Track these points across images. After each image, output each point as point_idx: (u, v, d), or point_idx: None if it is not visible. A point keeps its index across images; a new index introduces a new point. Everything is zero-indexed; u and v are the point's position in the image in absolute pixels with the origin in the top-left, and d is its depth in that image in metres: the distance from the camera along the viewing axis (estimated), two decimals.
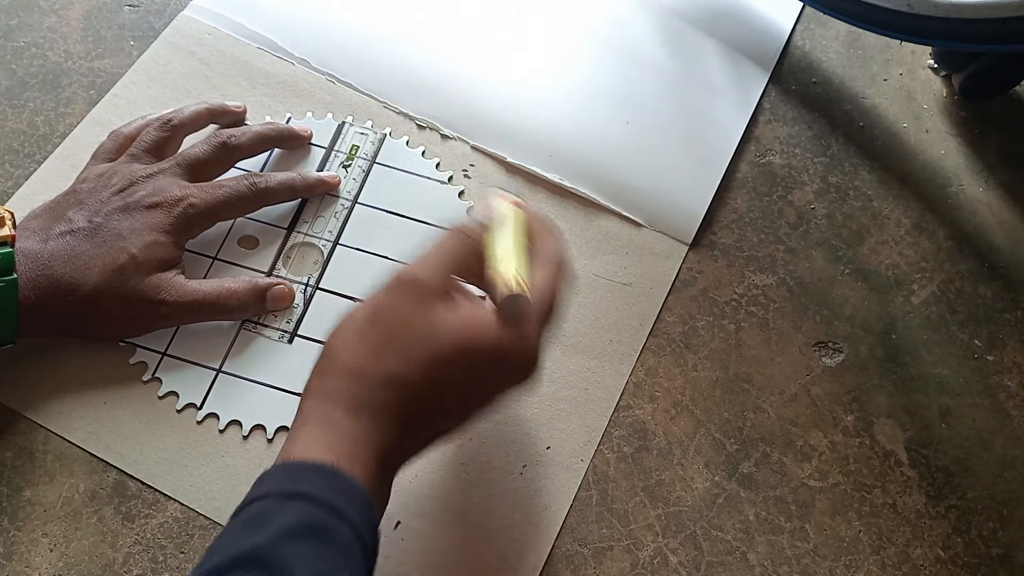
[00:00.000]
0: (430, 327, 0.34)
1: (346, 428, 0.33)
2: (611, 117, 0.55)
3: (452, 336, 0.34)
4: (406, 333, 0.34)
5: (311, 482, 0.31)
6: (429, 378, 0.34)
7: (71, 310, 0.41)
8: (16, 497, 0.41)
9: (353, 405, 0.33)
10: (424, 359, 0.34)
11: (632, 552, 0.43)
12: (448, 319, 0.34)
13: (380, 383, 0.34)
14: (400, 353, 0.34)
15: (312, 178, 0.49)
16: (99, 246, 0.41)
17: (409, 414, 0.34)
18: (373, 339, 0.34)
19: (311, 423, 0.33)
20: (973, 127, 0.57)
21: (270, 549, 0.29)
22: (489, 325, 0.34)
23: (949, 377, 0.49)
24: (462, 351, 0.34)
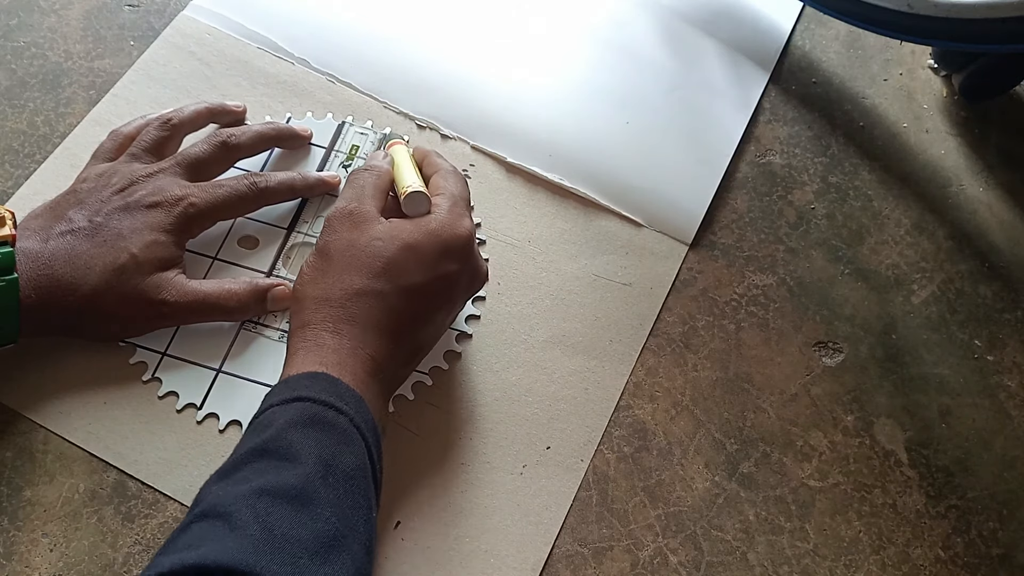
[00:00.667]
0: (375, 240, 0.39)
1: (331, 345, 0.37)
2: (611, 117, 0.55)
3: (396, 241, 0.39)
4: (357, 253, 0.39)
5: (307, 387, 0.35)
6: (391, 283, 0.38)
7: (72, 310, 0.41)
8: (16, 497, 0.41)
9: (333, 325, 0.37)
10: (379, 267, 0.38)
11: (632, 552, 0.43)
12: (387, 230, 0.40)
13: (350, 299, 0.38)
14: (357, 270, 0.38)
15: (312, 178, 0.49)
16: (100, 246, 0.41)
17: (386, 322, 0.38)
18: (331, 268, 0.39)
19: (300, 349, 0.37)
20: (973, 127, 0.57)
21: (277, 439, 0.33)
22: (418, 223, 0.40)
23: (949, 377, 0.49)
24: (408, 248, 0.39)
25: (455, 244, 0.40)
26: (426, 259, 0.39)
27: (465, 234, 0.40)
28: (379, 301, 0.38)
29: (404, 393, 0.45)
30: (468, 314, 0.47)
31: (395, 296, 0.38)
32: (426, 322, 0.40)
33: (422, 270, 0.39)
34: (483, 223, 0.50)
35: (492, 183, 0.52)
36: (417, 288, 0.39)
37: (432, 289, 0.39)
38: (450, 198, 0.42)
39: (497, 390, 0.46)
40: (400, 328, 0.39)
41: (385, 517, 0.42)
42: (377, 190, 0.42)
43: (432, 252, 0.39)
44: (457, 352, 0.47)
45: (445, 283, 0.40)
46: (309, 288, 0.39)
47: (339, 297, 0.38)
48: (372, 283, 0.38)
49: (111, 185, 0.43)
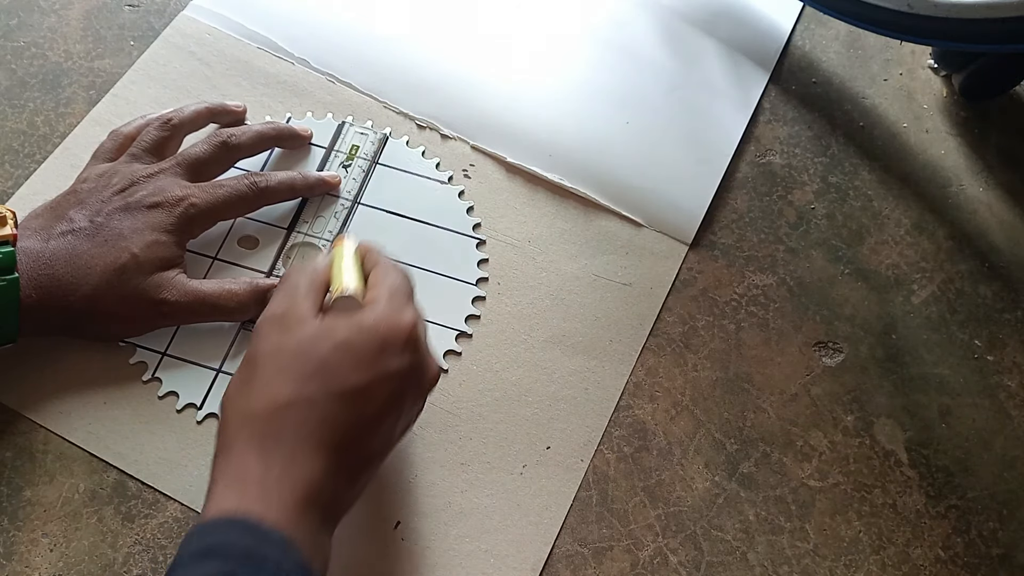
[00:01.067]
0: (304, 343, 0.35)
1: (254, 474, 0.32)
2: (611, 117, 0.55)
3: (328, 340, 0.35)
4: (284, 358, 0.35)
5: (222, 535, 0.30)
6: (324, 388, 0.34)
7: (72, 309, 0.41)
8: (16, 497, 0.41)
9: (257, 447, 0.33)
10: (310, 371, 0.34)
11: (632, 552, 0.43)
12: (319, 329, 0.35)
13: (277, 412, 0.33)
14: (285, 377, 0.34)
15: (312, 177, 0.49)
16: (100, 245, 0.41)
17: (321, 435, 0.33)
18: (256, 378, 0.35)
19: (220, 480, 0.33)
20: (973, 127, 0.57)
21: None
22: (352, 319, 0.36)
23: (949, 377, 0.49)
24: (341, 346, 0.34)
25: (395, 338, 0.35)
26: (363, 357, 0.34)
27: (406, 326, 0.36)
28: (311, 411, 0.33)
29: None
30: (468, 314, 0.47)
31: (330, 403, 0.34)
32: (370, 430, 0.35)
33: (359, 370, 0.34)
34: (483, 223, 0.50)
35: (492, 183, 0.52)
36: (355, 391, 0.34)
37: (373, 391, 0.35)
38: (389, 290, 0.37)
39: (497, 390, 0.46)
40: (339, 441, 0.34)
41: (385, 517, 0.42)
42: (311, 290, 0.38)
43: (370, 348, 0.35)
44: (457, 352, 0.47)
45: (388, 383, 0.35)
46: (233, 402, 0.35)
47: (264, 411, 0.33)
48: (302, 390, 0.34)
49: (112, 185, 0.43)
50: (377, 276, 0.39)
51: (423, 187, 0.51)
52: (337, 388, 0.34)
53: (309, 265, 0.40)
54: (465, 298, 0.48)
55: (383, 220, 0.50)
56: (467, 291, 0.48)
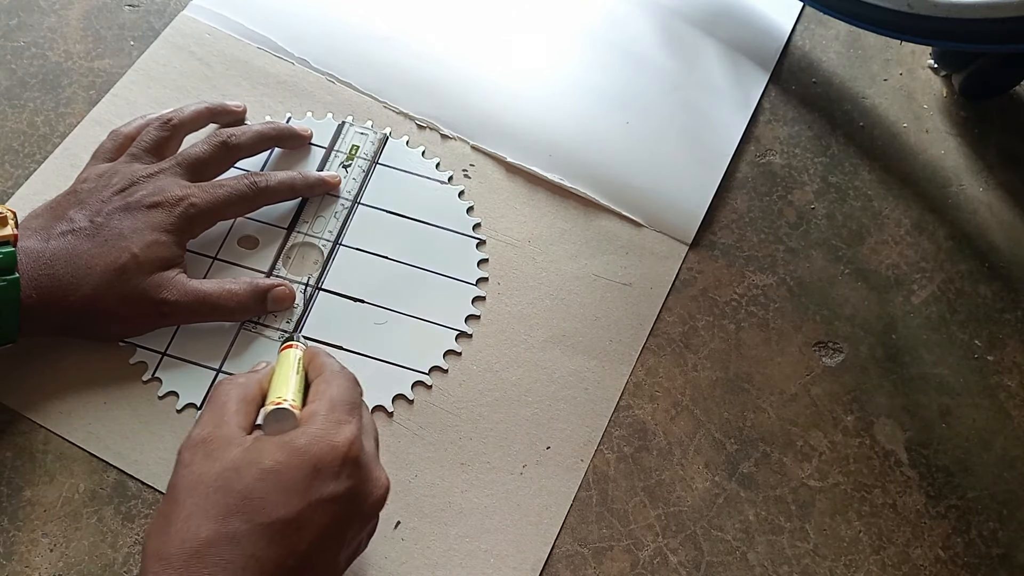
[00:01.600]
0: (228, 471, 0.32)
1: None
2: (611, 117, 0.55)
3: (253, 467, 0.32)
4: (204, 490, 0.31)
5: None
6: (250, 523, 0.30)
7: (72, 309, 0.41)
8: (16, 497, 0.41)
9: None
10: (232, 505, 0.31)
11: (632, 552, 0.43)
12: (243, 455, 0.32)
13: (195, 554, 0.30)
14: (205, 512, 0.31)
15: (313, 177, 0.49)
16: (100, 245, 0.41)
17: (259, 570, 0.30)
18: (175, 515, 0.31)
19: None
20: (973, 127, 0.57)
21: None
22: (282, 441, 0.33)
23: (949, 377, 0.49)
24: (267, 473, 0.31)
25: (331, 459, 0.32)
26: (293, 484, 0.31)
27: (343, 446, 0.32)
28: (235, 548, 0.30)
29: (404, 393, 0.45)
30: (468, 314, 0.47)
31: (255, 539, 0.30)
32: (306, 565, 0.31)
33: (288, 499, 0.31)
34: (483, 223, 0.50)
35: (492, 183, 0.52)
36: (284, 523, 0.31)
37: (305, 522, 0.31)
38: (328, 402, 0.34)
39: (497, 390, 0.46)
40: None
41: (385, 517, 0.42)
42: (243, 405, 0.35)
43: (300, 473, 0.31)
44: (457, 352, 0.47)
45: (322, 511, 0.32)
46: (150, 543, 0.31)
47: (182, 554, 0.30)
48: (222, 526, 0.30)
49: (112, 185, 0.43)
50: (318, 387, 0.36)
51: (423, 187, 0.51)
52: (263, 522, 0.30)
53: (244, 376, 0.37)
54: (465, 298, 0.48)
55: (383, 220, 0.50)
56: (467, 291, 0.48)
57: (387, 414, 0.45)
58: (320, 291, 0.47)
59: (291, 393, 0.35)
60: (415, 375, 0.46)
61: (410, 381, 0.45)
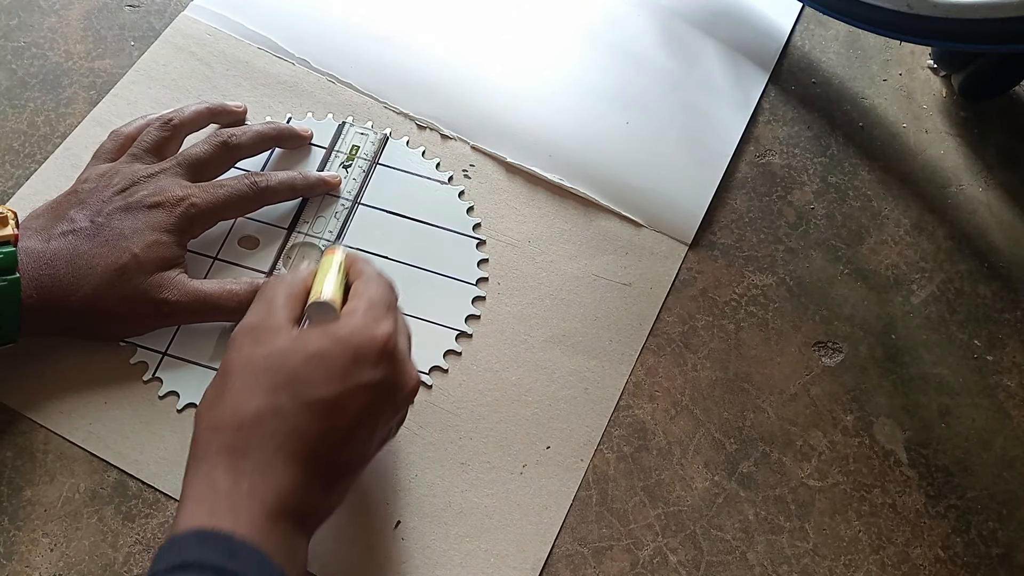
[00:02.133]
0: (277, 353, 0.34)
1: (223, 487, 0.32)
2: (611, 117, 0.55)
3: (299, 351, 0.34)
4: (255, 369, 0.34)
5: (195, 550, 0.30)
6: (296, 399, 0.33)
7: (73, 309, 0.41)
8: (16, 497, 0.42)
9: (228, 460, 0.32)
10: (280, 382, 0.34)
11: (632, 552, 0.43)
12: (291, 340, 0.35)
13: (246, 423, 0.33)
14: (255, 388, 0.34)
15: (313, 177, 0.49)
16: (101, 246, 0.41)
17: (291, 446, 0.33)
18: (228, 390, 0.34)
19: (190, 495, 0.32)
20: (973, 127, 0.57)
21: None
22: (326, 330, 0.35)
23: (949, 377, 0.49)
24: (313, 357, 0.34)
25: (369, 349, 0.35)
26: (335, 368, 0.34)
27: (381, 339, 0.35)
28: (281, 421, 0.33)
29: None
30: (468, 314, 0.48)
31: (300, 414, 0.33)
32: (343, 441, 0.35)
33: (331, 381, 0.34)
34: (483, 223, 0.50)
35: (492, 183, 0.52)
36: (326, 403, 0.34)
37: (344, 403, 0.34)
38: (367, 301, 0.37)
39: (497, 390, 0.46)
40: (311, 452, 0.33)
41: (385, 517, 0.42)
42: (289, 300, 0.38)
43: (342, 360, 0.34)
44: (457, 352, 0.47)
45: (360, 396, 0.35)
46: (204, 414, 0.34)
47: (233, 423, 0.33)
48: (271, 401, 0.33)
49: (112, 185, 0.43)
50: (358, 287, 0.38)
51: (423, 187, 0.51)
52: (307, 399, 0.34)
53: (290, 274, 0.39)
54: (465, 298, 0.48)
55: (383, 220, 0.50)
56: (467, 291, 0.48)
57: None
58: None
59: (332, 291, 0.38)
60: None
61: None
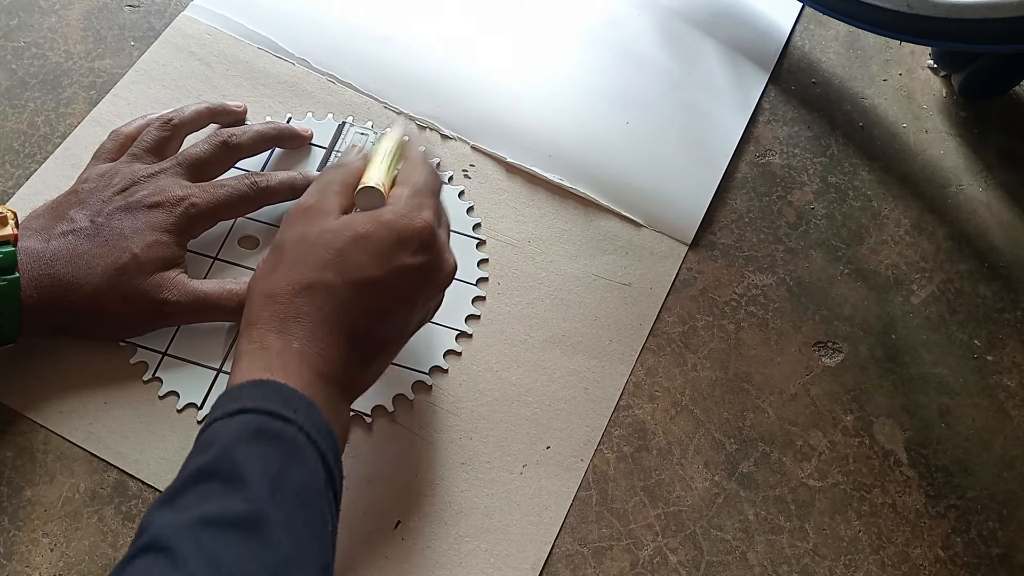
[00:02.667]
0: (327, 233, 0.37)
1: (276, 347, 0.35)
2: (611, 117, 0.55)
3: (347, 232, 0.37)
4: (307, 246, 0.37)
5: (250, 397, 0.33)
6: (341, 276, 0.36)
7: (73, 309, 0.41)
8: (16, 497, 0.42)
9: (279, 325, 0.35)
10: (328, 259, 0.36)
11: (632, 552, 0.43)
12: (341, 223, 0.37)
13: (297, 294, 0.36)
14: (306, 263, 0.36)
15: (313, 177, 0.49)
16: (101, 246, 0.41)
17: (337, 318, 0.36)
18: (281, 263, 0.37)
19: (245, 354, 0.35)
20: (973, 127, 0.57)
21: (221, 459, 0.31)
22: (373, 214, 0.38)
23: (949, 377, 0.49)
24: (359, 238, 0.37)
25: (410, 235, 0.37)
26: (379, 250, 0.37)
27: (421, 225, 0.37)
28: (328, 295, 0.36)
29: (404, 393, 0.45)
30: (468, 314, 0.48)
31: (345, 290, 0.36)
32: (383, 319, 0.37)
33: (374, 262, 0.36)
34: (483, 223, 0.50)
35: (492, 183, 0.52)
36: (369, 282, 0.36)
37: (386, 284, 0.37)
38: (412, 187, 0.39)
39: (497, 390, 0.46)
40: (353, 325, 0.36)
41: (385, 517, 0.42)
42: (344, 187, 0.40)
43: (385, 243, 0.37)
44: (457, 352, 0.47)
45: (401, 278, 0.37)
46: (259, 284, 0.37)
47: (286, 292, 0.36)
48: (320, 276, 0.36)
49: (113, 185, 0.43)
50: (404, 173, 0.41)
51: None
52: (353, 278, 0.36)
53: (346, 159, 0.42)
54: (465, 298, 0.48)
55: None
56: (467, 291, 0.48)
57: (387, 414, 0.45)
58: None
59: (380, 176, 0.40)
60: (415, 375, 0.46)
61: (410, 381, 0.45)
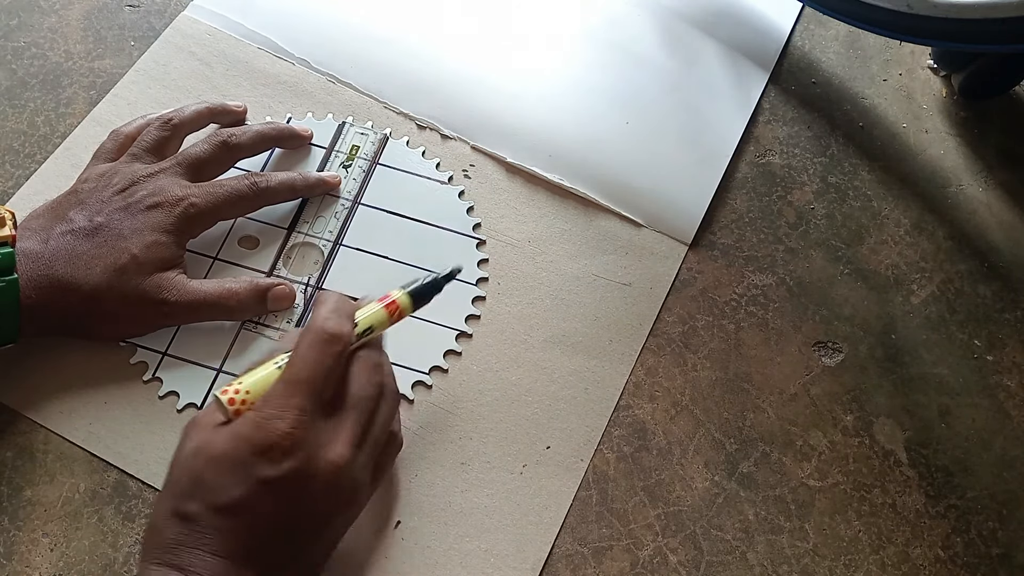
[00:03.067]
0: (189, 456, 0.34)
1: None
2: (611, 117, 0.55)
3: (203, 455, 0.33)
4: (177, 471, 0.34)
5: None
6: (204, 505, 0.33)
7: (73, 310, 0.41)
8: (16, 497, 0.42)
9: (158, 555, 0.33)
10: (189, 490, 0.33)
11: (632, 552, 0.43)
12: (200, 443, 0.34)
13: (171, 526, 0.33)
14: (173, 492, 0.34)
15: (313, 178, 0.49)
16: (100, 246, 0.41)
17: (214, 546, 0.33)
18: (165, 487, 0.35)
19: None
20: (973, 127, 0.57)
21: None
22: (232, 429, 0.34)
23: (949, 377, 0.49)
24: (213, 460, 0.33)
25: (265, 444, 0.33)
26: (235, 469, 0.33)
27: (278, 433, 0.33)
28: (194, 526, 0.33)
29: (404, 393, 0.45)
30: (468, 314, 0.48)
31: (211, 517, 0.33)
32: (273, 537, 0.34)
33: (233, 483, 0.33)
34: (483, 223, 0.50)
35: (492, 183, 0.52)
36: (232, 505, 0.33)
37: (251, 502, 0.33)
38: (283, 384, 0.34)
39: (497, 390, 0.46)
40: (231, 550, 0.33)
41: (385, 517, 0.42)
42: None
43: (239, 458, 0.33)
44: (457, 352, 0.47)
45: (266, 493, 0.33)
46: (155, 508, 0.35)
47: (159, 524, 0.33)
48: (184, 506, 0.33)
49: (112, 185, 0.43)
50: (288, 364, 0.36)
51: (423, 187, 0.51)
52: (215, 504, 0.33)
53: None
54: (465, 298, 0.48)
55: (383, 220, 0.50)
56: (467, 291, 0.48)
57: None
58: (321, 291, 0.47)
59: (249, 382, 0.35)
60: (415, 375, 0.46)
61: (410, 381, 0.45)
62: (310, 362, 0.35)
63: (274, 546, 0.34)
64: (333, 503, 0.35)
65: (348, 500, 0.36)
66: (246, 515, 0.33)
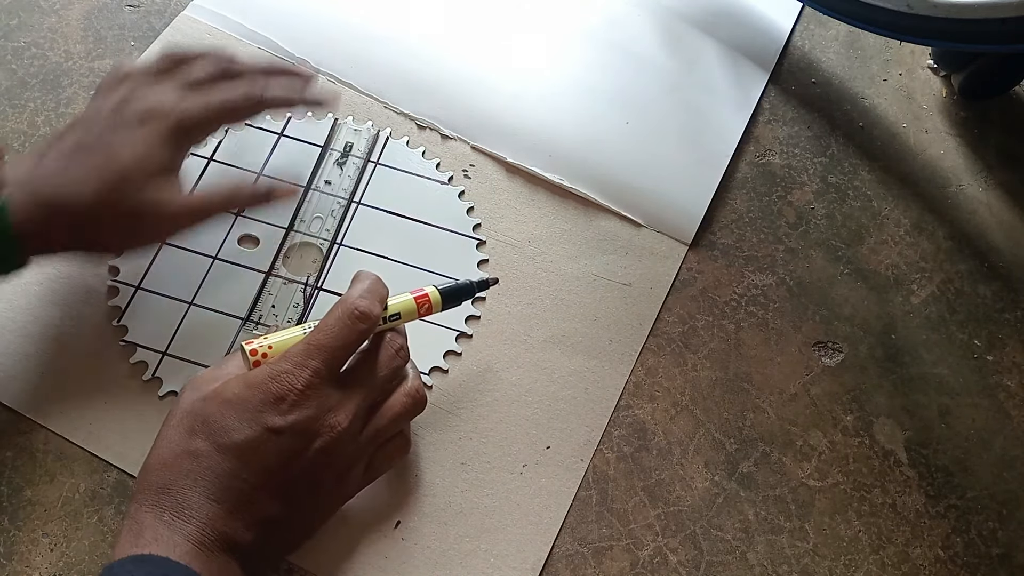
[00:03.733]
0: (199, 400, 0.36)
1: (148, 520, 0.34)
2: (611, 117, 0.55)
3: (218, 398, 0.36)
4: (181, 415, 0.36)
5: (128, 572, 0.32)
6: (210, 443, 0.35)
7: (72, 226, 0.40)
8: (16, 497, 0.41)
9: (151, 496, 0.34)
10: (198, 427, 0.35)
11: (632, 552, 0.43)
12: (214, 390, 0.36)
13: (167, 465, 0.35)
14: (178, 433, 0.36)
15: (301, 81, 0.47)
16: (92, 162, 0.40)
17: (208, 486, 0.34)
18: (158, 436, 0.37)
19: (123, 529, 0.35)
20: (973, 127, 0.57)
21: None
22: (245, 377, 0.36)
23: (949, 377, 0.49)
24: (227, 403, 0.36)
25: (276, 393, 0.35)
26: (244, 414, 0.35)
27: (290, 384, 0.36)
28: (195, 463, 0.35)
29: None
30: (468, 314, 0.48)
31: (212, 456, 0.35)
32: (264, 484, 0.35)
33: (241, 426, 0.35)
34: (483, 223, 0.50)
35: (492, 183, 0.52)
36: (237, 446, 0.35)
37: (255, 447, 0.35)
38: (304, 345, 0.37)
39: (497, 390, 0.46)
40: (224, 490, 0.35)
41: (385, 517, 0.42)
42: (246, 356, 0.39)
43: (250, 404, 0.35)
44: (457, 352, 0.47)
45: (271, 440, 0.35)
46: (143, 461, 0.37)
47: (156, 464, 0.35)
48: (189, 444, 0.35)
49: (108, 102, 0.42)
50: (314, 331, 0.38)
51: (423, 187, 0.51)
52: (221, 443, 0.35)
53: None
54: None
55: (383, 220, 0.50)
56: None
57: None
58: (320, 291, 0.47)
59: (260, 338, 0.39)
60: None
61: None
62: (334, 332, 0.37)
63: (264, 499, 0.35)
64: (324, 468, 0.37)
65: (339, 474, 0.38)
66: (247, 458, 0.35)
